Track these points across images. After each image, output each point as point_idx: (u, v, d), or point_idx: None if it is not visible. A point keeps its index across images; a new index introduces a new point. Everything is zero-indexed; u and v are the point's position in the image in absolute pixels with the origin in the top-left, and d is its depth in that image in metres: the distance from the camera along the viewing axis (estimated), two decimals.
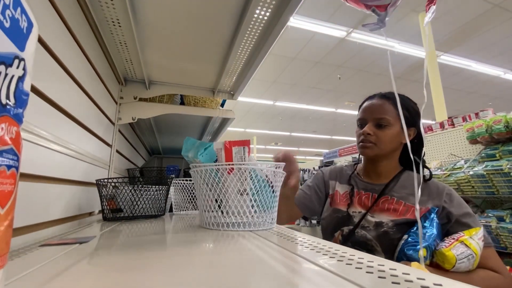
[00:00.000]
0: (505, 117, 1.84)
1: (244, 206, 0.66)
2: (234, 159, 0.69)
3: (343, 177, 0.92)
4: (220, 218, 0.67)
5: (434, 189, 0.78)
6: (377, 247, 0.74)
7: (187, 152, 0.78)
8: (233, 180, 0.66)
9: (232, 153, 0.69)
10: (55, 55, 0.62)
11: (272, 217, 0.70)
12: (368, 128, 0.81)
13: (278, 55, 5.39)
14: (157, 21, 0.88)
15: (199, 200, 0.72)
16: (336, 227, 0.84)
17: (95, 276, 0.32)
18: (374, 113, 0.82)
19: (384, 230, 0.73)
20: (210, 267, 0.35)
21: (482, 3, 4.10)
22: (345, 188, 0.89)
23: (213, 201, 0.68)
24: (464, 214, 0.73)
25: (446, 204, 0.74)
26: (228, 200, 0.66)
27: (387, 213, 0.76)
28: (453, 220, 0.72)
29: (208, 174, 0.67)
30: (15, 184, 0.23)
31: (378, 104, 0.82)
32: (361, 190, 0.85)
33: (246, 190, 0.66)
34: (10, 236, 0.23)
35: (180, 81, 1.36)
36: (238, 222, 0.65)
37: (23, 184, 0.52)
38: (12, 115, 0.23)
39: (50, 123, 0.63)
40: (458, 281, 0.28)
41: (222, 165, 0.67)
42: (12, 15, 0.22)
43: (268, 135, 11.19)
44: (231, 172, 0.67)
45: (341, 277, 0.30)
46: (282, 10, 0.80)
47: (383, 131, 0.80)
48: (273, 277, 0.31)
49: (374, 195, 0.82)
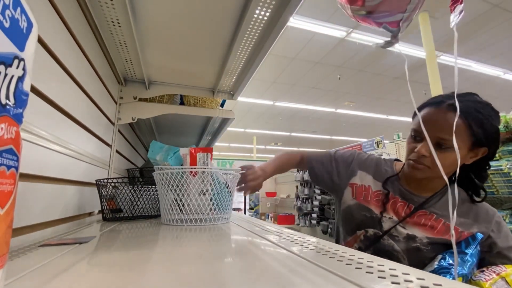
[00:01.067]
0: (504, 117, 1.84)
1: (206, 204, 0.77)
2: (198, 163, 0.78)
3: (378, 173, 0.81)
4: (184, 215, 0.75)
5: (483, 214, 0.68)
6: (404, 261, 0.68)
7: (155, 155, 0.83)
8: (197, 182, 0.76)
9: (196, 158, 0.79)
10: (55, 55, 0.62)
11: (228, 214, 0.81)
12: (424, 149, 0.66)
13: (278, 55, 5.39)
14: (157, 21, 0.88)
15: (162, 200, 0.79)
16: (361, 226, 0.77)
17: (95, 277, 0.32)
18: (437, 130, 0.64)
19: (416, 246, 0.67)
20: (211, 265, 0.35)
21: (481, 3, 4.10)
22: (379, 187, 0.79)
23: (175, 200, 0.76)
24: (509, 248, 0.65)
25: (493, 233, 0.66)
26: (191, 199, 0.75)
27: (422, 229, 0.69)
28: (495, 251, 0.65)
29: (174, 176, 0.75)
30: (14, 184, 0.23)
31: (445, 118, 0.63)
32: (397, 196, 0.75)
33: (208, 190, 0.77)
34: (9, 236, 0.23)
35: (180, 81, 1.36)
36: (200, 218, 0.75)
37: (23, 184, 0.52)
38: (11, 115, 0.23)
39: (50, 123, 0.63)
40: (458, 281, 0.28)
41: (187, 169, 0.76)
42: (12, 15, 0.22)
43: (268, 135, 11.18)
44: (195, 175, 0.76)
45: (341, 277, 0.30)
46: (282, 10, 0.80)
47: (444, 154, 0.63)
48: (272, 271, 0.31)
49: (410, 206, 0.72)
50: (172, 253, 0.44)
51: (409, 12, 0.62)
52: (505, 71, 6.23)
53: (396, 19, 0.56)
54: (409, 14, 0.58)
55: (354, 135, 11.13)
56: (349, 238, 0.81)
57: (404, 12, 0.62)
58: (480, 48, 5.36)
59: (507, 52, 5.46)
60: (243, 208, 6.06)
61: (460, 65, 5.89)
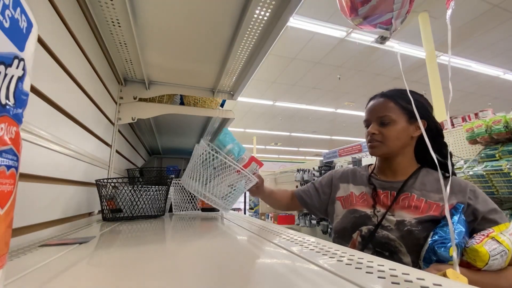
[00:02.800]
0: (504, 117, 1.84)
1: (226, 194, 0.91)
2: (248, 168, 0.92)
3: (356, 179, 0.92)
4: (203, 189, 0.87)
5: (457, 185, 0.75)
6: (401, 248, 0.71)
7: (226, 143, 0.95)
8: (234, 177, 0.88)
9: (250, 164, 0.94)
10: (54, 55, 0.62)
11: (229, 206, 0.95)
12: (372, 128, 0.83)
13: (278, 55, 5.39)
14: (156, 21, 0.88)
15: (191, 169, 0.92)
16: (354, 228, 0.81)
17: (95, 276, 0.32)
18: (376, 113, 0.83)
19: (408, 229, 0.71)
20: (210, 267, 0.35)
21: (481, 3, 4.10)
22: (362, 189, 0.87)
23: (206, 176, 0.88)
24: (491, 211, 0.70)
25: (471, 201, 0.72)
26: (220, 185, 0.89)
27: (408, 211, 0.74)
28: (479, 218, 0.70)
29: (226, 164, 0.87)
30: (14, 184, 0.23)
31: (379, 103, 0.84)
32: (379, 189, 0.84)
33: (233, 186, 0.90)
34: (9, 237, 0.23)
35: (180, 81, 1.36)
36: (215, 200, 0.88)
37: (23, 184, 0.52)
38: (11, 115, 0.23)
39: (50, 123, 0.63)
40: (458, 282, 0.28)
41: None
42: (12, 15, 0.22)
43: (267, 135, 11.18)
44: (239, 173, 0.88)
45: (341, 277, 0.30)
46: (282, 11, 0.80)
47: (387, 128, 0.80)
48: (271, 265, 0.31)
49: (393, 193, 0.80)
50: (172, 253, 0.44)
51: (398, 10, 0.73)
52: (505, 71, 6.23)
53: (387, 17, 0.63)
54: (398, 12, 0.64)
55: (354, 135, 11.13)
56: (348, 245, 0.82)
57: (392, 11, 0.76)
58: (480, 48, 5.36)
59: (507, 52, 5.46)
60: (243, 208, 6.05)
61: (460, 65, 5.89)
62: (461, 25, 4.62)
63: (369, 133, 0.83)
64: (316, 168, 4.32)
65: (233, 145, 0.96)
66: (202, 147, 0.89)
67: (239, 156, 0.95)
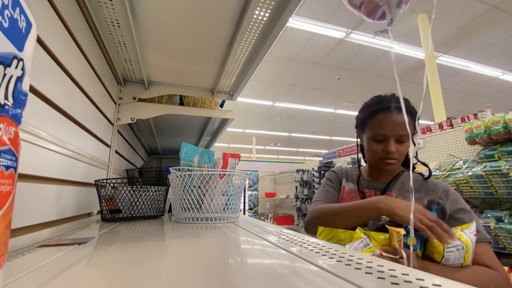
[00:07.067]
0: (503, 118, 1.85)
1: (224, 204, 0.87)
2: (228, 167, 0.87)
3: (348, 176, 0.99)
4: (200, 214, 0.84)
5: (432, 186, 0.82)
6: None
7: (191, 157, 0.88)
8: (222, 183, 0.85)
9: (228, 162, 0.88)
10: (54, 55, 0.62)
11: (237, 213, 0.92)
12: (393, 147, 0.81)
13: (277, 55, 5.39)
14: (156, 22, 0.88)
15: (177, 200, 0.87)
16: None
17: (94, 277, 0.32)
18: (397, 130, 0.80)
19: (381, 224, 0.76)
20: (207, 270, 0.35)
21: (480, 4, 4.12)
22: (351, 186, 0.94)
23: (196, 200, 0.84)
24: (459, 210, 0.75)
25: (441, 200, 0.77)
26: (213, 199, 0.84)
27: None
28: (447, 216, 0.75)
29: (202, 177, 0.83)
30: (13, 184, 0.23)
31: (399, 119, 0.81)
32: (365, 188, 0.90)
33: (227, 191, 0.87)
34: (8, 237, 0.23)
35: (179, 82, 1.36)
36: (215, 216, 0.84)
37: (22, 185, 0.52)
38: (10, 115, 0.23)
39: (49, 123, 0.62)
40: (458, 282, 0.28)
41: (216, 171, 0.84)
42: (11, 15, 0.22)
43: (267, 136, 11.18)
44: (222, 177, 0.84)
45: (341, 277, 0.30)
46: (282, 11, 0.80)
47: (403, 145, 0.82)
48: None
49: (377, 193, 0.87)
50: (171, 253, 0.44)
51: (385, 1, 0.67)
52: (504, 71, 6.25)
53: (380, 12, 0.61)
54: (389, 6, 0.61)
55: (353, 135, 11.00)
56: None
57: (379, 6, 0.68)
58: (479, 49, 5.37)
59: (506, 52, 5.48)
60: (242, 209, 6.05)
61: (459, 66, 5.91)
62: (460, 26, 4.63)
63: (391, 151, 0.81)
64: (316, 168, 4.32)
65: (199, 155, 0.89)
66: (173, 173, 0.85)
67: (212, 162, 0.89)
